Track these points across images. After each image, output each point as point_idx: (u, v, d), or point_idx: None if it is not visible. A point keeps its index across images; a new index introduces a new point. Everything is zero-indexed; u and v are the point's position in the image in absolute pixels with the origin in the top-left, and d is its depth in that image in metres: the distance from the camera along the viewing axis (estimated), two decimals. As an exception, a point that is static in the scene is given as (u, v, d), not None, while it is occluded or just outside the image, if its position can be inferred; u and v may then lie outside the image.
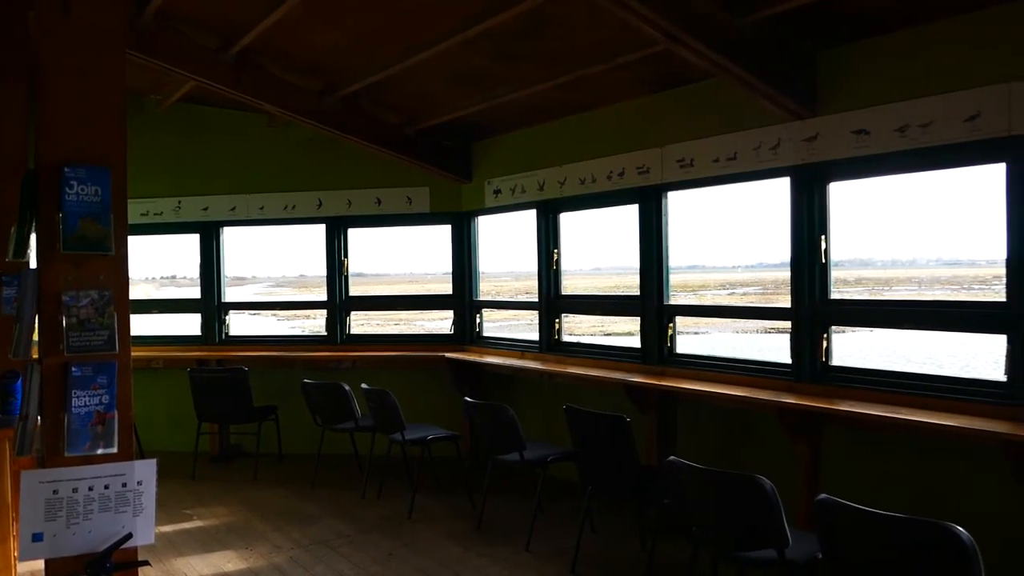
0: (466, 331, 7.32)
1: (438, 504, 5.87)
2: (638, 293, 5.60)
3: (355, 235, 7.66)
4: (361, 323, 9.43)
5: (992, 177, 3.81)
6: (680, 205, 5.48)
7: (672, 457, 3.57)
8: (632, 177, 5.56)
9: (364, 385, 5.96)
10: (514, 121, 6.53)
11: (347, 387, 6.15)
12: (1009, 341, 3.71)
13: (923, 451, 4.11)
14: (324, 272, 7.61)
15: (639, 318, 5.61)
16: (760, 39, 4.22)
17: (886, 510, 2.65)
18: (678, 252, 5.64)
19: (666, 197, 5.44)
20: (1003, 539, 3.60)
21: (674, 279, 5.57)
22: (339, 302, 7.56)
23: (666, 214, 5.45)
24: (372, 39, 5.37)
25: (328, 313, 7.60)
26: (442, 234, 7.48)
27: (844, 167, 4.35)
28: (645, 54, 4.63)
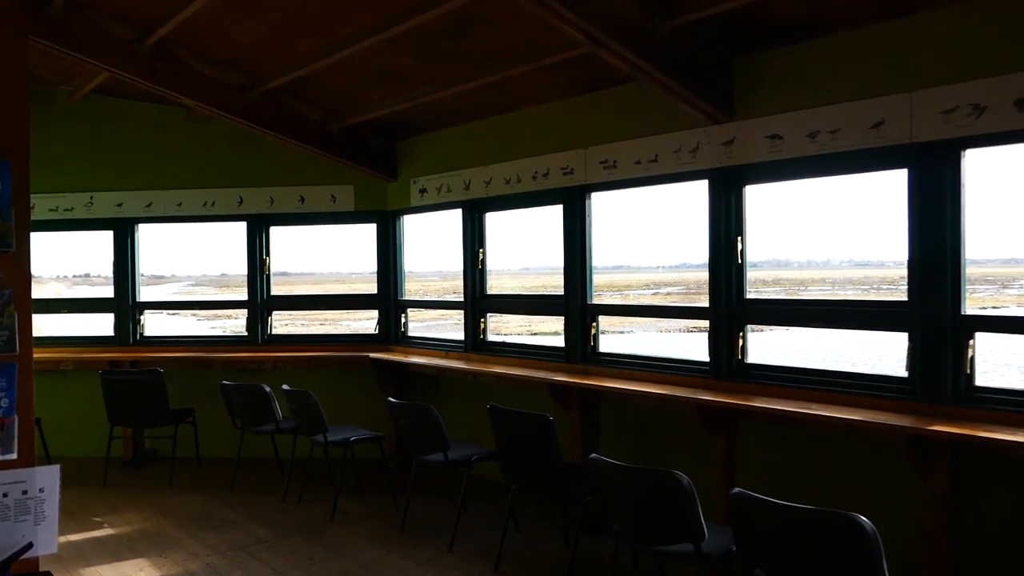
0: (391, 331, 7.26)
1: (361, 506, 5.80)
2: (562, 293, 5.66)
3: (279, 233, 7.51)
4: (285, 323, 9.25)
5: (896, 182, 3.99)
6: (605, 206, 5.57)
7: (594, 455, 3.62)
8: (556, 178, 5.61)
9: (285, 386, 5.84)
10: (440, 120, 6.51)
11: (268, 388, 6.02)
12: (910, 339, 3.89)
13: (833, 445, 4.27)
14: (246, 271, 7.44)
15: (563, 317, 5.67)
16: (680, 44, 4.32)
17: (798, 502, 2.75)
18: (604, 252, 5.72)
19: (590, 198, 5.51)
20: (904, 526, 3.77)
21: (600, 279, 5.64)
22: (260, 301, 7.39)
23: (590, 214, 5.52)
24: (294, 34, 5.27)
25: (249, 313, 7.43)
26: (368, 233, 7.41)
27: (759, 170, 4.49)
28: (569, 56, 4.69)
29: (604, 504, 3.73)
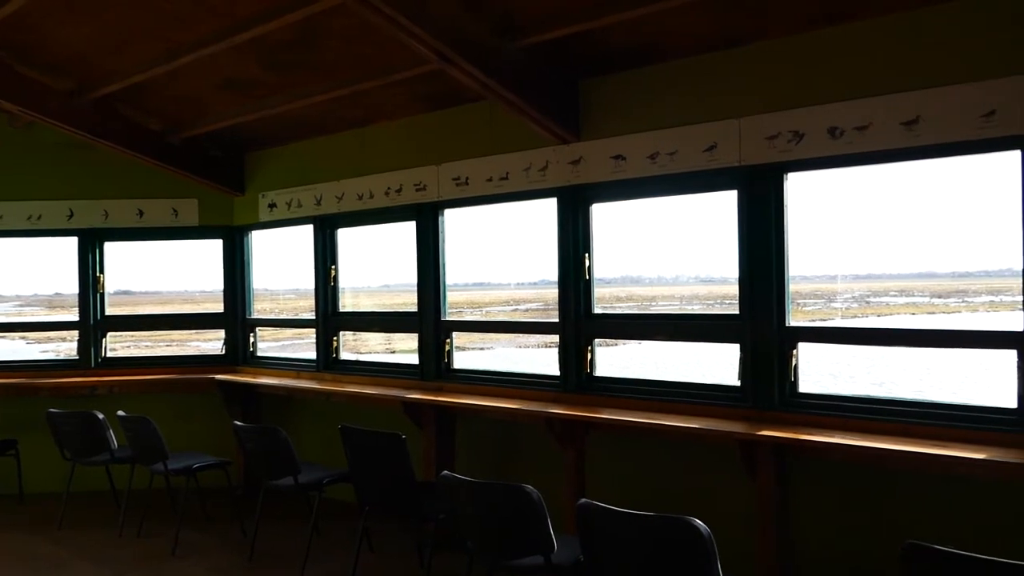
0: (239, 351, 6.96)
1: (207, 537, 5.51)
2: (416, 309, 5.63)
3: (116, 249, 7.04)
4: (128, 345, 8.69)
5: (731, 202, 4.24)
6: (463, 223, 5.59)
7: (445, 472, 3.61)
8: (409, 194, 5.59)
9: (121, 412, 5.47)
10: (290, 133, 6.33)
11: (101, 415, 5.61)
12: (742, 350, 4.14)
13: (676, 452, 4.45)
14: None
15: (417, 334, 5.63)
16: (527, 65, 4.41)
17: (645, 509, 2.85)
18: (464, 269, 5.73)
19: (443, 214, 5.52)
20: (740, 526, 3.98)
21: (460, 296, 5.64)
22: (93, 322, 6.90)
23: (443, 231, 5.52)
24: (129, 38, 4.98)
25: (80, 334, 6.92)
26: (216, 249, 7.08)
27: (605, 189, 4.65)
28: (420, 72, 4.69)
29: (457, 521, 3.72)
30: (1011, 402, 3.39)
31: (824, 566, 4.01)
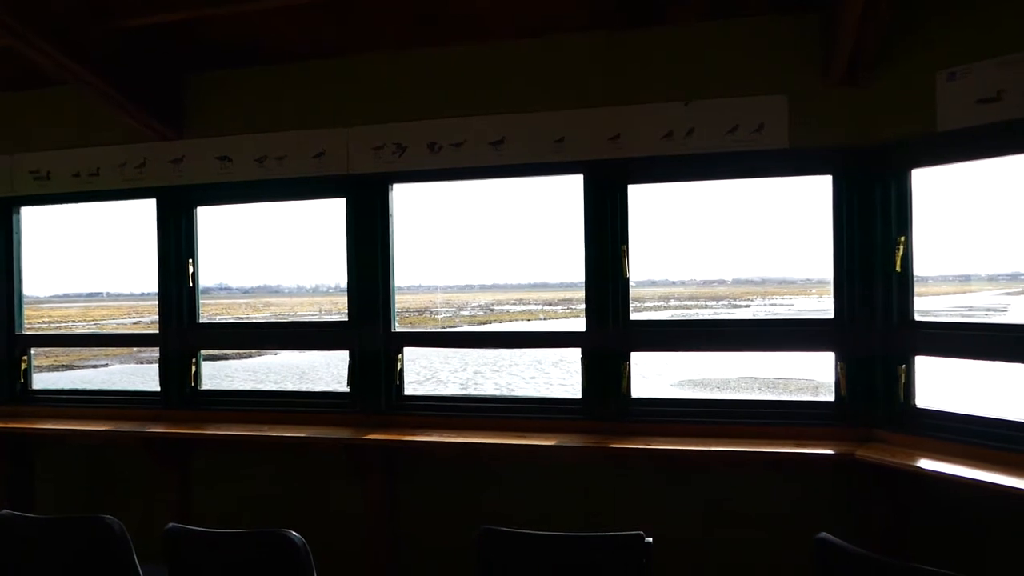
0: None
1: None
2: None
3: None
4: None
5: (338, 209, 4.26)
6: (86, 226, 4.88)
7: (5, 511, 3.11)
8: (-27, 187, 4.75)
9: None
10: None
11: None
12: (351, 356, 4.18)
13: (291, 464, 4.33)
14: None
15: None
16: (122, 51, 4.00)
17: (260, 525, 2.72)
18: (80, 279, 5.01)
19: (19, 212, 4.77)
20: (352, 533, 4.01)
21: (73, 309, 4.90)
22: None
23: (18, 232, 4.77)
24: None
25: None
26: None
27: (210, 192, 4.39)
28: (-14, 45, 4.00)
29: (22, 570, 3.22)
30: (578, 393, 3.88)
31: (431, 559, 4.19)
